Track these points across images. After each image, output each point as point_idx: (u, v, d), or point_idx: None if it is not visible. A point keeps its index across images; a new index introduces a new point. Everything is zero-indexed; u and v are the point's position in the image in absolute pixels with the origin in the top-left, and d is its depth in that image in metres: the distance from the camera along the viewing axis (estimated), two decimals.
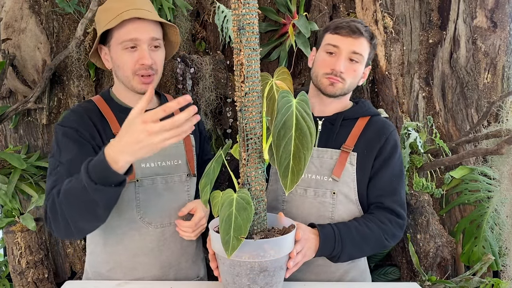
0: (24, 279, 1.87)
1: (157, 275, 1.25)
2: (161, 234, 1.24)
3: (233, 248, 0.88)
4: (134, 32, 1.14)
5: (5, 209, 1.88)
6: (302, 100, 0.95)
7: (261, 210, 1.03)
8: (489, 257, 1.76)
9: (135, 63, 1.16)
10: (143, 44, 1.16)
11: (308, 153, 0.91)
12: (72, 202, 0.98)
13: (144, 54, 1.15)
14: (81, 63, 1.90)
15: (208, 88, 1.97)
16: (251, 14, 0.93)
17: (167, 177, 1.25)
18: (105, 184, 0.92)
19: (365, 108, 1.37)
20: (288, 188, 0.91)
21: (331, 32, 1.29)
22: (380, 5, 1.92)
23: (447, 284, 1.74)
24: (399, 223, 1.28)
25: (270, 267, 0.97)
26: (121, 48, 1.16)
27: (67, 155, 1.09)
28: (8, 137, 2.00)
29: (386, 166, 1.29)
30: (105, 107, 1.23)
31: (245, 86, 0.94)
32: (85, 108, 1.22)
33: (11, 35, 1.86)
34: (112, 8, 1.17)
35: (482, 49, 1.98)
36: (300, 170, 0.90)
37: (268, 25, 2.04)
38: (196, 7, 2.04)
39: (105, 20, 1.17)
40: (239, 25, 0.92)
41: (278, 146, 0.91)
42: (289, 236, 1.01)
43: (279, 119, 0.91)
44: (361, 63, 1.29)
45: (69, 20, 1.95)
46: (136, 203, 1.20)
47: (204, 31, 2.08)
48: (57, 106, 1.99)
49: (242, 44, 0.93)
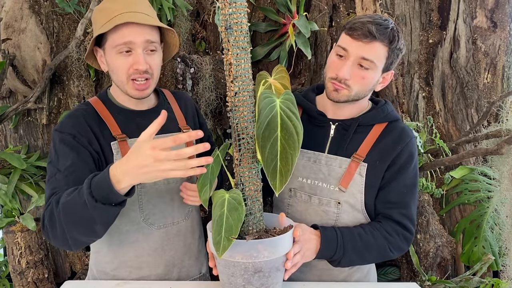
0: (24, 279, 1.87)
1: (161, 273, 1.25)
2: (165, 234, 1.24)
3: (224, 249, 0.88)
4: (129, 36, 1.10)
5: (5, 209, 1.88)
6: (287, 99, 0.93)
7: (256, 210, 1.02)
8: (489, 257, 1.76)
9: (129, 67, 1.12)
10: (138, 48, 1.11)
11: (295, 153, 0.89)
12: (70, 215, 0.98)
13: (139, 59, 1.11)
14: (81, 63, 1.90)
15: (208, 88, 1.97)
16: (238, 13, 0.92)
17: (169, 178, 1.24)
18: (106, 202, 0.93)
19: (384, 113, 1.25)
20: (277, 189, 0.89)
21: (346, 31, 1.17)
22: (380, 5, 1.92)
23: (447, 284, 1.74)
24: (406, 237, 1.22)
25: (265, 268, 0.96)
26: (116, 52, 1.12)
27: (65, 162, 1.08)
28: (8, 137, 2.01)
29: (399, 177, 1.21)
30: (102, 109, 1.20)
31: (235, 86, 0.94)
32: (82, 112, 1.19)
33: (11, 35, 1.86)
34: (108, 9, 1.13)
35: (482, 49, 1.98)
36: (288, 170, 0.88)
37: (268, 25, 2.04)
38: (196, 7, 2.04)
39: (100, 22, 1.13)
40: (226, 25, 0.92)
41: (263, 147, 0.89)
42: (284, 237, 0.99)
43: (262, 119, 0.89)
44: (373, 69, 1.16)
45: (69, 20, 1.95)
46: (139, 204, 1.20)
47: (204, 31, 2.08)
48: (57, 106, 1.99)
49: (230, 44, 0.92)
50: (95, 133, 1.16)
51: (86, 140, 1.13)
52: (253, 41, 2.09)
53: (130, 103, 1.24)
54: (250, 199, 1.00)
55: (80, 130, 1.14)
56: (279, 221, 1.10)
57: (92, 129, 1.16)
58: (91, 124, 1.16)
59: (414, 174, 1.25)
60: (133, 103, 1.23)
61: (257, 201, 1.02)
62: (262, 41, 2.10)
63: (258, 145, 0.89)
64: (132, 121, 1.19)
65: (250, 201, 1.00)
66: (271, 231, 1.04)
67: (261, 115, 0.90)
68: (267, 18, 2.05)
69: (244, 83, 0.95)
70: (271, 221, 1.10)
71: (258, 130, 0.89)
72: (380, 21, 1.14)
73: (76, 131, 1.13)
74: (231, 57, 0.93)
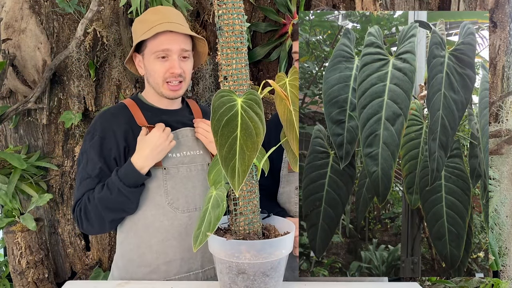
0: (24, 279, 1.87)
1: (186, 257, 1.32)
2: (188, 218, 1.32)
3: (200, 243, 0.92)
4: (166, 44, 1.27)
5: (5, 209, 1.88)
6: (250, 99, 0.93)
7: (249, 211, 1.01)
8: (489, 257, 1.76)
9: (165, 71, 1.29)
10: (174, 54, 1.28)
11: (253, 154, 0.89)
12: (107, 204, 1.22)
13: (174, 64, 1.28)
14: (81, 63, 1.90)
15: (208, 88, 1.98)
16: (230, 15, 0.94)
17: (191, 165, 1.35)
18: (136, 185, 1.23)
19: None
20: (237, 188, 0.89)
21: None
22: (380, 5, 1.92)
23: (447, 284, 1.74)
24: None
25: (249, 270, 0.95)
26: (154, 58, 1.29)
27: (94, 169, 1.28)
28: (8, 137, 2.01)
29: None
30: (133, 106, 1.37)
31: (224, 86, 0.96)
32: (113, 110, 1.37)
33: (11, 35, 1.86)
34: (148, 20, 1.30)
35: None
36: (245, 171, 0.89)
37: (268, 25, 2.04)
38: (196, 7, 2.05)
39: (140, 31, 1.30)
40: (217, 26, 0.96)
41: (221, 145, 0.89)
42: (270, 242, 0.98)
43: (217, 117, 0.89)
44: None
45: (69, 20, 1.95)
46: (164, 189, 1.30)
47: (204, 31, 2.08)
48: (57, 106, 1.99)
49: (220, 44, 0.96)
50: (123, 128, 1.31)
51: (113, 139, 1.30)
52: (253, 41, 2.09)
53: (160, 103, 1.38)
54: (243, 200, 1.00)
55: (107, 129, 1.30)
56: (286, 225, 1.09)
57: (120, 125, 1.31)
58: (119, 121, 1.32)
59: None
60: (162, 104, 1.38)
61: (250, 202, 1.01)
62: (262, 41, 2.10)
63: (215, 142, 0.89)
64: (158, 117, 1.35)
65: (242, 201, 1.00)
66: (268, 236, 1.03)
67: (216, 113, 0.89)
68: (267, 18, 2.05)
69: (236, 83, 0.96)
70: (284, 226, 1.09)
71: (215, 127, 0.89)
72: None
73: (104, 131, 1.30)
74: (220, 57, 0.96)
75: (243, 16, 0.97)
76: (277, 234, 1.05)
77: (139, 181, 1.23)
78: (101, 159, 1.29)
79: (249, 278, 0.96)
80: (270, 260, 0.97)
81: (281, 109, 1.01)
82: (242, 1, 0.97)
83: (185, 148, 1.36)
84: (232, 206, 1.00)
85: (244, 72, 0.97)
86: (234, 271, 0.96)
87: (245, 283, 0.96)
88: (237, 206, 1.00)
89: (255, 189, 1.02)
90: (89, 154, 1.30)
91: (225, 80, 0.96)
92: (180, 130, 1.36)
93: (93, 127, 1.33)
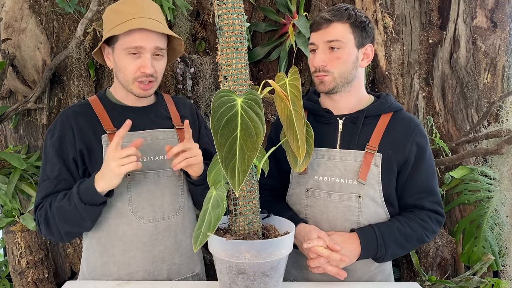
0: (24, 279, 1.87)
1: (149, 269, 1.24)
2: (154, 228, 1.24)
3: (200, 243, 0.92)
4: (140, 41, 1.17)
5: (5, 209, 1.88)
6: (250, 99, 0.93)
7: (249, 211, 1.01)
8: (489, 257, 1.76)
9: (136, 70, 1.19)
10: (147, 53, 1.19)
11: (253, 154, 0.89)
12: (63, 216, 1.16)
13: (146, 63, 1.18)
14: (81, 63, 1.90)
15: (208, 88, 1.98)
16: (229, 15, 0.94)
17: (159, 172, 1.26)
18: (92, 204, 1.13)
19: (388, 103, 1.30)
20: (237, 188, 0.89)
21: (310, 30, 1.30)
22: (380, 5, 1.92)
23: (447, 284, 1.74)
24: (438, 220, 1.28)
25: (249, 270, 0.95)
26: (125, 53, 1.19)
27: (53, 171, 1.21)
28: (8, 137, 2.01)
29: (420, 166, 1.26)
30: (97, 105, 1.27)
31: (224, 86, 0.96)
32: (74, 109, 1.27)
33: (11, 35, 1.86)
34: (122, 11, 1.19)
35: (482, 49, 1.98)
36: (245, 171, 0.89)
37: (268, 25, 2.04)
38: (196, 7, 2.05)
39: (113, 23, 1.19)
40: (217, 26, 0.96)
41: (221, 145, 0.89)
42: (270, 242, 0.98)
43: (217, 117, 0.89)
44: (344, 47, 1.21)
45: (69, 20, 1.95)
46: (128, 196, 1.21)
47: (204, 31, 2.08)
48: (57, 106, 1.99)
49: (220, 44, 0.95)
50: (83, 129, 1.23)
51: (72, 139, 1.22)
52: (253, 41, 2.09)
53: (128, 100, 1.29)
54: (242, 200, 1.00)
55: (67, 128, 1.22)
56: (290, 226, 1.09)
57: (79, 125, 1.23)
58: (79, 121, 1.23)
59: (432, 158, 1.29)
60: (130, 100, 1.29)
61: (250, 202, 1.01)
62: (262, 41, 2.10)
63: (215, 142, 0.89)
64: (125, 116, 1.20)
65: (242, 201, 1.00)
66: (268, 236, 1.03)
67: (216, 113, 0.89)
68: (267, 18, 2.05)
69: (235, 83, 0.96)
70: (284, 226, 1.09)
71: (215, 127, 0.89)
72: (333, 7, 1.26)
73: (63, 130, 1.22)
74: (220, 57, 0.96)
75: (243, 16, 0.97)
76: (277, 234, 1.06)
77: (96, 200, 1.12)
78: (60, 159, 1.20)
79: (249, 278, 0.96)
80: (270, 260, 0.97)
81: (281, 109, 1.01)
82: (242, 1, 0.97)
83: (153, 153, 1.25)
84: (232, 206, 1.00)
85: (244, 72, 0.97)
86: (234, 271, 0.96)
87: (245, 283, 0.96)
88: (237, 206, 1.00)
89: (255, 189, 1.02)
90: (48, 154, 1.22)
91: (225, 80, 0.96)
92: (149, 131, 1.26)
93: (54, 125, 1.24)
